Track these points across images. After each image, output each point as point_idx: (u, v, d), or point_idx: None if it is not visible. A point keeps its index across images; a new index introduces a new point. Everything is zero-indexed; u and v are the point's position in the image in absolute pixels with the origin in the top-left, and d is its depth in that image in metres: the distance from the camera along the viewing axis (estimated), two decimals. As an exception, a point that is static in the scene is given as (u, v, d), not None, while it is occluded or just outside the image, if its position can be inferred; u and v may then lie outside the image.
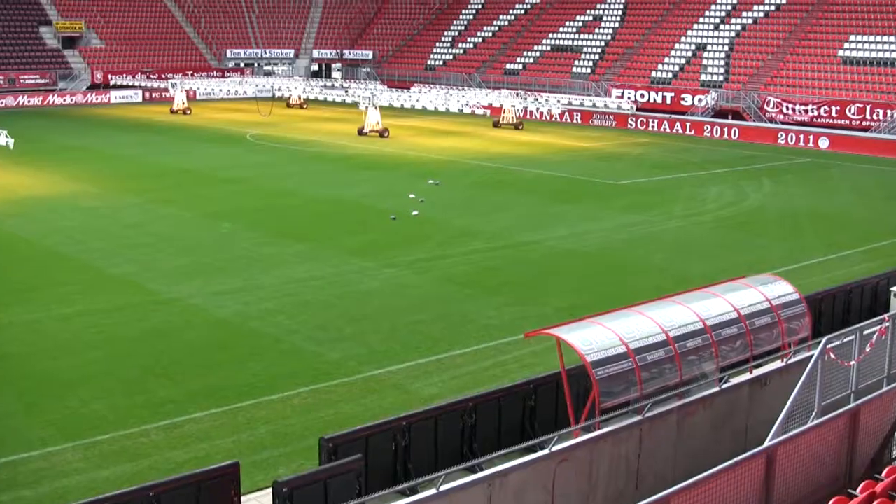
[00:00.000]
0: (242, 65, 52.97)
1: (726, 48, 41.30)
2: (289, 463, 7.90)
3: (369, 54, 54.88)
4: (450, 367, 10.65)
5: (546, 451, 6.28)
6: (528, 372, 10.03)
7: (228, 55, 52.57)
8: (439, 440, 7.33)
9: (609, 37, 45.30)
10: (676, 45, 43.27)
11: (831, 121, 33.38)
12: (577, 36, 46.05)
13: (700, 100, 39.54)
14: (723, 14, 41.51)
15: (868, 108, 32.29)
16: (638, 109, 40.45)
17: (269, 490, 6.61)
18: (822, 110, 33.63)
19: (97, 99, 44.63)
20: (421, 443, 7.21)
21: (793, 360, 8.23)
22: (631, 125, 40.13)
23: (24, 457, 7.80)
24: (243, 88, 44.45)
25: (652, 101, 41.10)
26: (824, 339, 6.71)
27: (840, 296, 11.22)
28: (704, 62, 41.54)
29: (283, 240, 17.19)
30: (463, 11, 52.14)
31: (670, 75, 42.07)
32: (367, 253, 16.36)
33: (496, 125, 39.57)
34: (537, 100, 39.64)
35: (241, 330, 11.84)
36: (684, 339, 7.58)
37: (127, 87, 45.55)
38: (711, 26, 41.51)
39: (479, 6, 51.48)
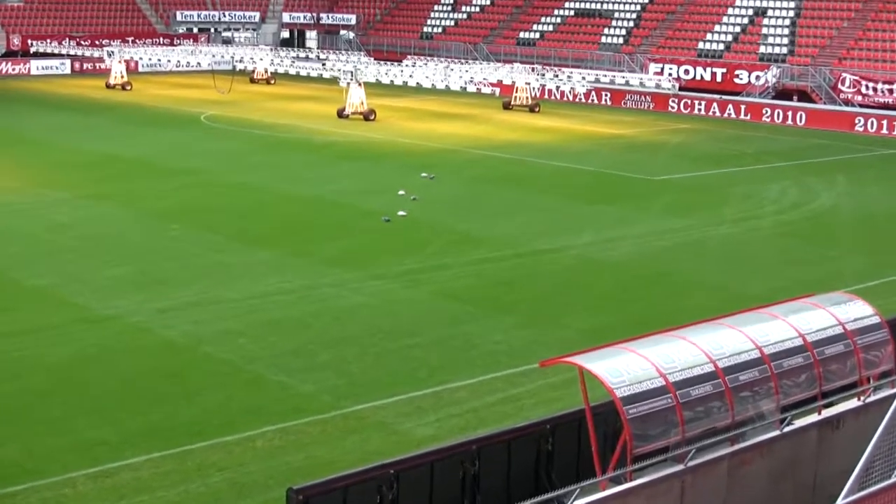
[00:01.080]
0: (196, 30, 51.66)
1: (791, 14, 40.23)
2: (249, 520, 8.12)
3: (352, 19, 53.82)
4: (448, 402, 10.63)
5: (565, 508, 6.37)
6: (544, 409, 10.00)
7: (178, 18, 51.18)
8: (434, 492, 6.94)
9: (646, -1, 45.62)
10: (729, 10, 42.38)
11: (922, 104, 36.59)
12: (606, -3, 45.00)
13: (758, 77, 38.71)
14: (787, -29, 39.92)
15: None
16: (681, 89, 40.08)
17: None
18: (910, 91, 33.89)
19: (13, 69, 43.20)
20: (412, 496, 6.80)
21: (872, 398, 8.06)
22: (672, 108, 39.86)
23: None
24: (196, 59, 43.66)
25: (698, 78, 40.77)
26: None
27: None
28: (764, 31, 40.55)
29: (246, 245, 17.47)
30: (467, -34, 50.17)
31: (721, 47, 41.39)
32: (348, 262, 16.60)
33: (507, 107, 39.38)
34: (558, 76, 39.55)
35: (193, 355, 11.83)
36: (737, 371, 7.47)
37: (51, 55, 44.00)
38: (773, -14, 39.96)
39: (487, -40, 49.59)
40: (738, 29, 42.37)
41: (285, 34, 56.49)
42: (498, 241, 18.39)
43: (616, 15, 46.33)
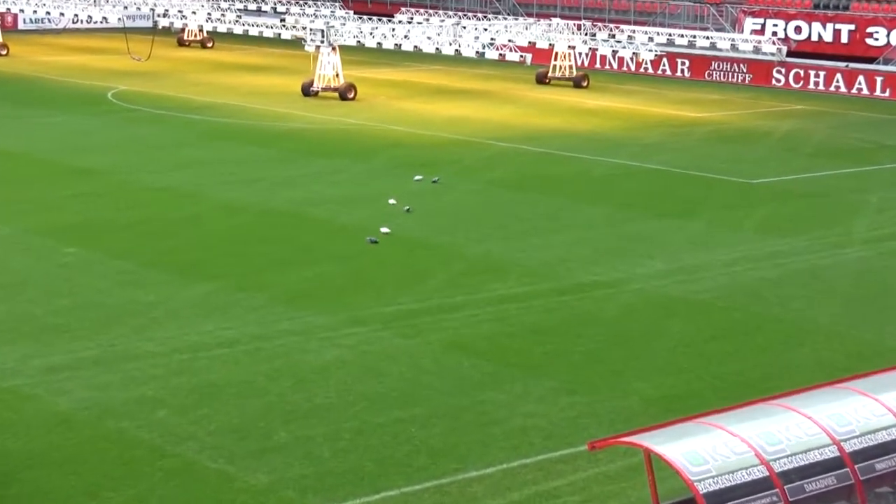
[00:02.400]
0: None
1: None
2: None
3: (323, -44, 57.45)
4: (459, 499, 10.61)
5: None
6: (595, 511, 10.43)
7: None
8: None
9: (741, -73, 45.60)
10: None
11: None
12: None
13: (904, 36, 40.22)
14: None
15: None
16: (789, 54, 40.20)
17: None
18: None
19: None
20: None
21: None
22: (777, 81, 40.09)
23: None
24: (101, 13, 42.64)
25: (815, 38, 40.45)
26: None
27: None
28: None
29: (172, 276, 17.69)
30: None
31: (848, -5, 42.22)
32: (317, 300, 16.94)
33: (542, 81, 39.84)
34: (614, 37, 40.09)
35: (94, 433, 11.78)
36: (871, 457, 7.48)
37: None
38: None
39: None
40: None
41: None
42: (529, 270, 18.75)
43: (697, -50, 47.05)
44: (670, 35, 41.47)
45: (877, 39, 40.35)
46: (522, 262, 19.24)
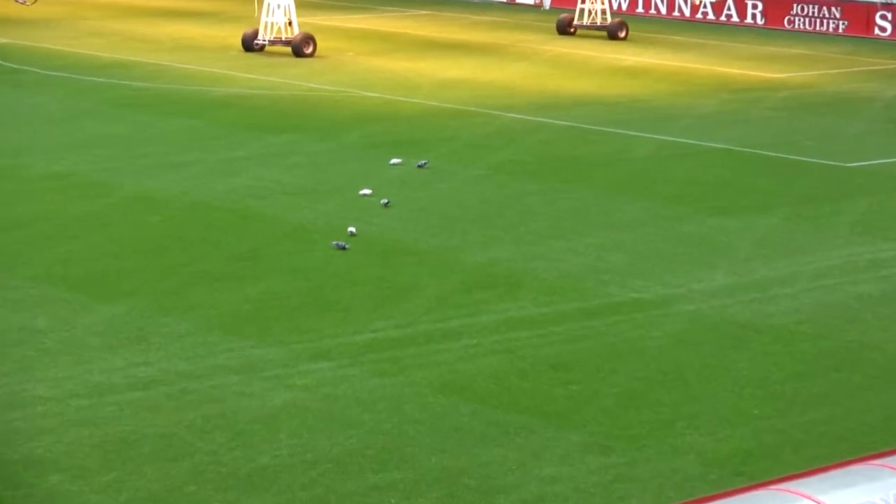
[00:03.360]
0: None
1: None
2: None
3: None
4: None
5: None
6: None
7: None
8: None
9: None
10: None
11: None
12: None
13: None
14: None
15: None
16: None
17: None
18: None
19: None
20: None
21: None
22: (882, 30, 41.28)
23: None
24: None
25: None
26: None
27: None
28: None
29: (69, 293, 17.72)
30: None
31: None
32: (263, 326, 17.12)
33: (566, 30, 40.60)
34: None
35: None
36: None
37: None
38: None
39: None
40: None
41: None
42: (547, 285, 18.98)
43: None
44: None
45: None
46: (539, 274, 19.39)
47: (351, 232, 20.87)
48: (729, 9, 43.78)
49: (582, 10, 40.93)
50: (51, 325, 16.39)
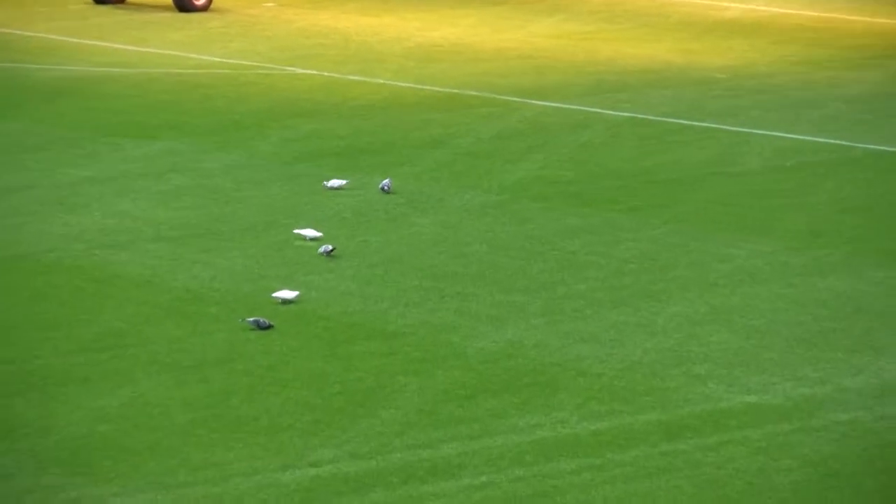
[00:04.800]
0: None
1: None
2: None
3: None
4: None
5: None
6: None
7: None
8: None
9: None
10: None
11: None
12: None
13: None
14: None
15: None
16: None
17: None
18: None
19: None
20: None
21: None
22: None
23: None
24: None
25: None
26: None
27: None
28: None
29: None
30: None
31: None
32: (129, 458, 16.93)
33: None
34: None
35: None
36: None
37: None
38: None
39: None
40: None
41: None
42: (603, 383, 19.13)
43: None
44: None
45: None
46: (587, 367, 19.36)
47: (284, 299, 20.90)
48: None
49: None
50: None
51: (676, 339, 20.32)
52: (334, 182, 24.97)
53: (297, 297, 21.02)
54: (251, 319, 20.33)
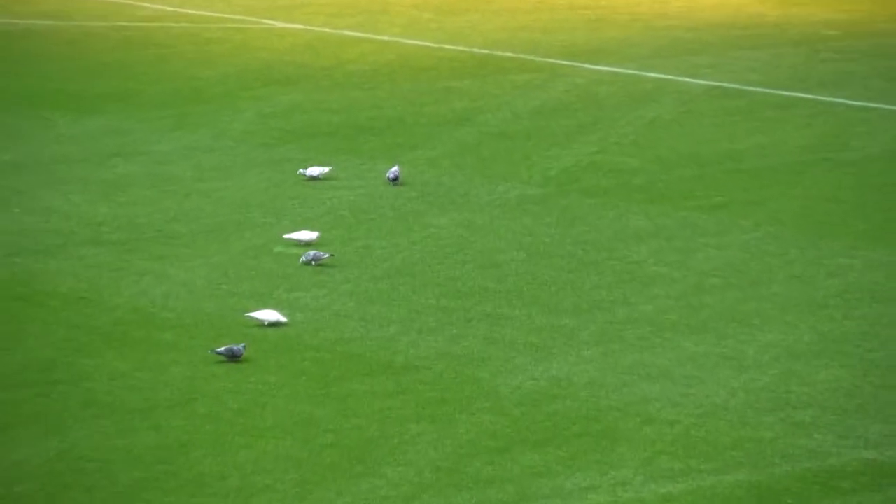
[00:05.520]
0: None
1: None
2: None
3: None
4: None
5: None
6: None
7: None
8: None
9: None
10: None
11: None
12: None
13: None
14: None
15: None
16: None
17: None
18: None
19: None
20: None
21: None
22: None
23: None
24: None
25: None
26: None
27: None
28: None
29: None
30: None
31: None
32: None
33: None
34: None
35: None
36: None
37: None
38: None
39: None
40: None
41: None
42: (678, 433, 19.34)
43: None
44: None
45: None
46: (658, 411, 19.52)
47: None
48: None
49: None
50: None
51: (772, 375, 19.92)
52: (313, 170, 24.93)
53: (281, 320, 20.58)
54: (221, 349, 19.89)
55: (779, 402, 19.30)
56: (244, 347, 19.96)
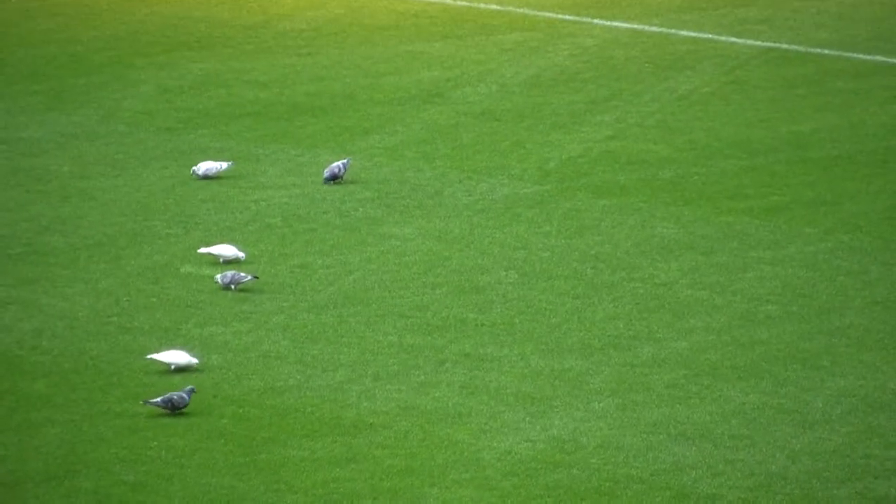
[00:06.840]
0: None
1: None
2: None
3: None
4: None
5: None
6: None
7: None
8: None
9: None
10: None
11: None
12: None
13: None
14: None
15: None
16: None
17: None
18: None
19: None
20: None
21: None
22: None
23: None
24: None
25: None
26: None
27: None
28: None
29: None
30: None
31: None
32: None
33: None
34: None
35: None
36: None
37: None
38: None
39: None
40: None
41: None
42: None
43: None
44: None
45: None
46: (695, 483, 20.66)
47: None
48: None
49: None
50: None
51: (846, 434, 20.25)
52: (206, 166, 25.46)
53: (192, 362, 20.92)
54: (157, 399, 20.23)
55: (854, 471, 19.57)
56: (190, 393, 20.14)
